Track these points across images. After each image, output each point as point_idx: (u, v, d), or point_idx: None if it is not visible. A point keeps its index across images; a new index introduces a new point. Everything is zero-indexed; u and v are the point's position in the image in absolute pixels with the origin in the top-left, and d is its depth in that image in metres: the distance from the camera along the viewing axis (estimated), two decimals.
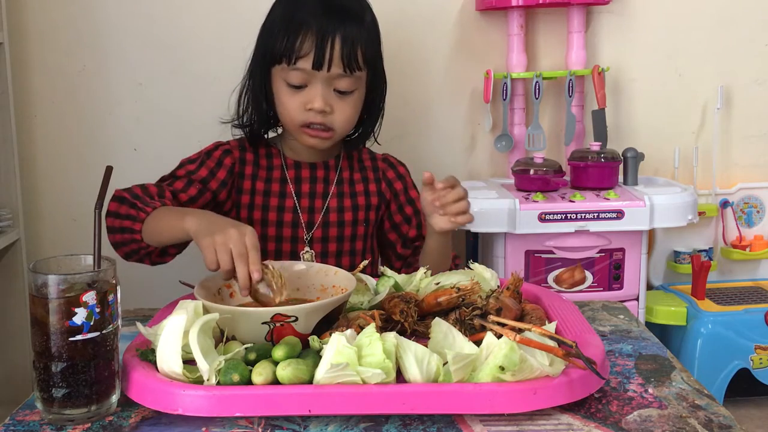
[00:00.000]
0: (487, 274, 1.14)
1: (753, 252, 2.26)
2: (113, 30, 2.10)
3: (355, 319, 1.00)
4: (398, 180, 1.52)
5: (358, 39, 1.33)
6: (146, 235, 1.25)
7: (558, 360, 0.88)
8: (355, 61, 1.33)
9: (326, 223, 1.44)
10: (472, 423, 0.85)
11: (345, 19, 1.32)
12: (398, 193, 1.51)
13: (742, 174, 2.30)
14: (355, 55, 1.32)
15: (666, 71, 2.23)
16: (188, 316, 0.91)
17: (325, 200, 1.45)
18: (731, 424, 0.84)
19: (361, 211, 1.47)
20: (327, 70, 1.31)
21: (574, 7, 2.12)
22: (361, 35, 1.33)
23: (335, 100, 1.35)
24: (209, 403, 0.84)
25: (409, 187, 1.53)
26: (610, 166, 2.03)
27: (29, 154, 2.13)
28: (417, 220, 1.50)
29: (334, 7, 1.32)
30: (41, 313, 0.85)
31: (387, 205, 1.51)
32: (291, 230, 1.42)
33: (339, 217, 1.45)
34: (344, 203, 1.46)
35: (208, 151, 1.43)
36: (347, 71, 1.32)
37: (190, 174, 1.38)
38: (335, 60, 1.31)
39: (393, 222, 1.51)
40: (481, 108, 2.19)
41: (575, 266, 1.95)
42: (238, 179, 1.42)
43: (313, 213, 1.44)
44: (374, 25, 1.40)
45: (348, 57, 1.31)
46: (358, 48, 1.33)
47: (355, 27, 1.33)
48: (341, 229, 1.45)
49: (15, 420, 0.89)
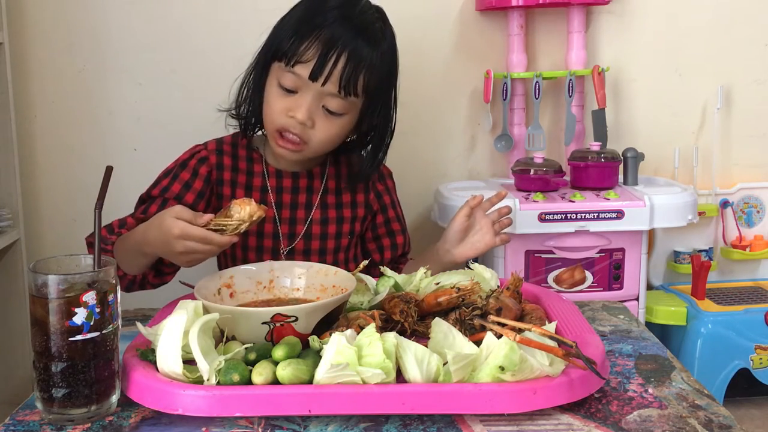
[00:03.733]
0: (487, 274, 1.14)
1: (753, 252, 2.26)
2: (113, 30, 2.10)
3: (355, 319, 1.00)
4: (386, 194, 1.48)
5: (364, 63, 1.26)
6: (123, 267, 1.27)
7: (558, 360, 0.88)
8: (353, 85, 1.26)
9: (308, 236, 1.40)
10: (472, 423, 0.85)
11: (358, 38, 1.25)
12: (386, 207, 1.48)
13: (742, 174, 2.30)
14: (356, 78, 1.26)
15: (666, 71, 2.24)
16: (188, 316, 0.91)
17: (308, 211, 1.40)
18: (731, 424, 0.84)
19: (346, 223, 1.43)
20: (322, 84, 1.25)
21: (574, 7, 2.12)
22: (369, 60, 1.26)
23: (320, 116, 1.29)
24: (209, 403, 0.84)
25: (396, 203, 1.50)
26: (610, 166, 2.03)
27: (29, 154, 2.13)
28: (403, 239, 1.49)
29: (352, 23, 1.26)
30: (41, 313, 0.85)
31: (373, 216, 1.47)
32: (272, 241, 1.39)
33: (322, 229, 1.41)
34: (328, 214, 1.41)
35: (183, 161, 1.39)
36: (341, 92, 1.26)
37: (164, 192, 1.35)
38: (333, 76, 1.24)
39: (376, 234, 1.48)
40: (481, 108, 2.19)
41: (575, 266, 1.95)
42: (217, 186, 1.39)
43: (295, 224, 1.40)
44: (389, 56, 1.32)
45: (347, 78, 1.25)
46: (362, 72, 1.26)
47: (366, 50, 1.26)
48: (324, 242, 1.41)
49: (15, 420, 0.89)
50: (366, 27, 1.28)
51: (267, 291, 1.13)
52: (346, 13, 1.27)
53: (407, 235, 1.52)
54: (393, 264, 1.49)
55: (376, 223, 1.48)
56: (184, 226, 1.10)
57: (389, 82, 1.34)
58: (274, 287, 1.13)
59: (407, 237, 1.52)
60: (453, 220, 1.41)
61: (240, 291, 1.11)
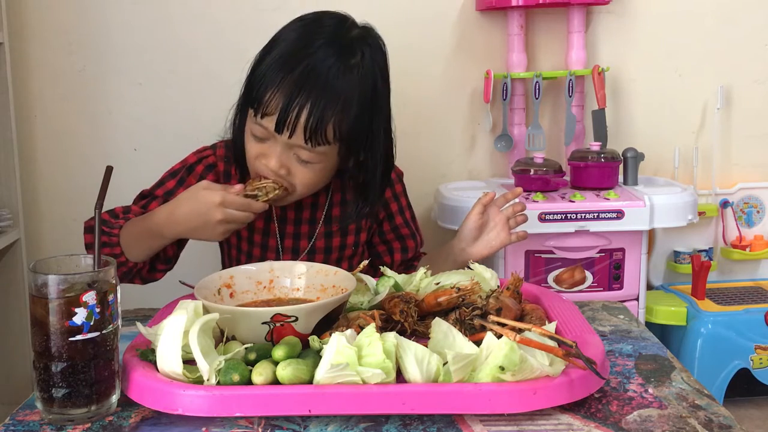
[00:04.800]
0: (487, 274, 1.14)
1: (753, 252, 2.26)
2: (113, 30, 2.10)
3: (355, 319, 1.00)
4: (394, 200, 1.45)
5: (330, 112, 1.17)
6: (128, 252, 1.26)
7: (558, 360, 0.88)
8: (321, 136, 1.18)
9: (312, 250, 1.39)
10: (472, 423, 0.85)
11: (320, 87, 1.17)
12: (393, 214, 1.44)
13: (742, 174, 2.30)
14: (323, 129, 1.18)
15: (666, 71, 2.24)
16: (188, 316, 0.91)
17: (312, 226, 1.38)
18: (731, 424, 0.84)
19: (350, 235, 1.40)
20: (288, 137, 1.19)
21: (574, 7, 2.12)
22: (336, 108, 1.18)
23: (295, 164, 1.23)
24: (209, 403, 0.84)
25: (404, 208, 1.46)
26: (610, 166, 2.03)
27: (29, 154, 2.13)
28: (414, 243, 1.47)
29: (313, 71, 1.17)
30: (41, 313, 0.85)
31: (380, 224, 1.44)
32: (275, 255, 1.38)
33: (326, 243, 1.39)
34: (332, 227, 1.39)
35: (191, 165, 1.37)
36: (309, 144, 1.19)
37: (168, 195, 1.33)
38: (297, 129, 1.18)
39: (384, 239, 1.46)
40: (481, 108, 2.19)
41: (575, 266, 1.95)
42: None
43: (299, 239, 1.38)
44: (365, 91, 1.21)
45: (312, 130, 1.17)
46: (330, 121, 1.18)
47: (331, 98, 1.17)
48: (327, 255, 1.39)
49: (15, 420, 0.88)
50: (328, 74, 1.18)
51: (267, 291, 1.13)
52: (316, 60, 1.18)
53: (418, 239, 1.48)
54: (405, 265, 1.46)
55: (383, 230, 1.45)
56: (226, 194, 1.15)
57: (370, 114, 1.24)
58: (274, 287, 1.13)
59: (418, 240, 1.48)
60: (467, 219, 1.37)
61: (240, 291, 1.11)
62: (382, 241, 1.46)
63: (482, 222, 1.37)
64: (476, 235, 1.37)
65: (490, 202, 1.37)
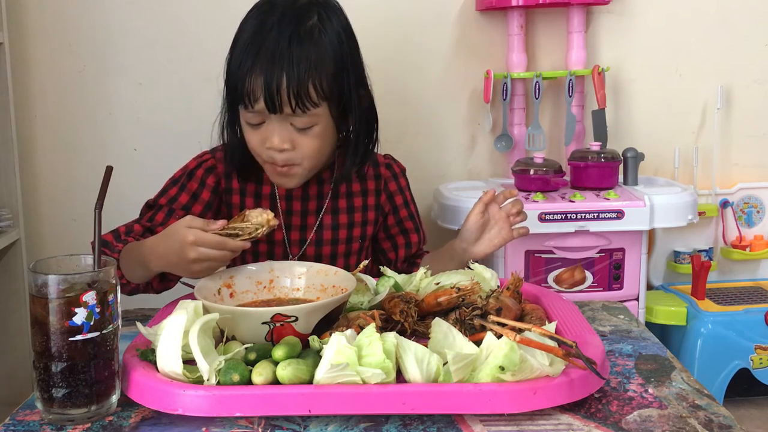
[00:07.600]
0: (487, 274, 1.14)
1: (753, 252, 2.26)
2: (113, 30, 2.10)
3: (355, 319, 1.00)
4: (399, 193, 1.47)
5: (307, 76, 1.23)
6: (128, 275, 1.26)
7: (558, 360, 0.88)
8: (307, 100, 1.23)
9: (319, 241, 1.39)
10: (472, 423, 0.85)
11: (290, 57, 1.22)
12: (398, 207, 1.47)
13: (742, 174, 2.30)
14: (306, 93, 1.23)
15: (666, 71, 2.24)
16: (188, 316, 0.91)
17: (317, 216, 1.39)
18: (731, 424, 0.84)
19: (357, 227, 1.41)
20: (279, 111, 1.24)
21: (574, 7, 2.12)
22: (311, 71, 1.23)
23: (295, 135, 1.27)
24: (209, 403, 0.84)
25: (408, 201, 1.49)
26: (610, 166, 2.03)
27: (29, 154, 2.13)
28: (417, 237, 1.48)
29: (277, 45, 1.23)
30: (41, 313, 0.85)
31: (385, 217, 1.46)
32: (282, 248, 1.38)
33: (333, 235, 1.40)
34: (339, 219, 1.40)
35: (191, 170, 1.38)
36: (298, 110, 1.24)
37: (172, 202, 1.34)
38: (284, 101, 1.22)
39: (389, 233, 1.47)
40: (481, 108, 2.19)
41: (575, 266, 1.95)
42: (225, 195, 1.38)
43: (305, 231, 1.39)
44: (334, 50, 1.27)
45: (296, 97, 1.22)
46: (309, 85, 1.23)
47: (303, 64, 1.23)
48: (335, 247, 1.40)
49: (15, 420, 0.89)
50: (295, 43, 1.24)
51: (267, 291, 1.13)
52: (277, 33, 1.24)
53: (422, 233, 1.50)
54: (408, 261, 1.48)
55: (388, 224, 1.46)
56: (198, 233, 1.10)
57: (347, 71, 1.28)
58: (274, 287, 1.13)
59: (422, 235, 1.50)
60: (468, 218, 1.38)
61: (240, 291, 1.11)
62: (387, 236, 1.47)
63: (483, 221, 1.37)
64: (478, 235, 1.38)
65: (491, 201, 1.38)
